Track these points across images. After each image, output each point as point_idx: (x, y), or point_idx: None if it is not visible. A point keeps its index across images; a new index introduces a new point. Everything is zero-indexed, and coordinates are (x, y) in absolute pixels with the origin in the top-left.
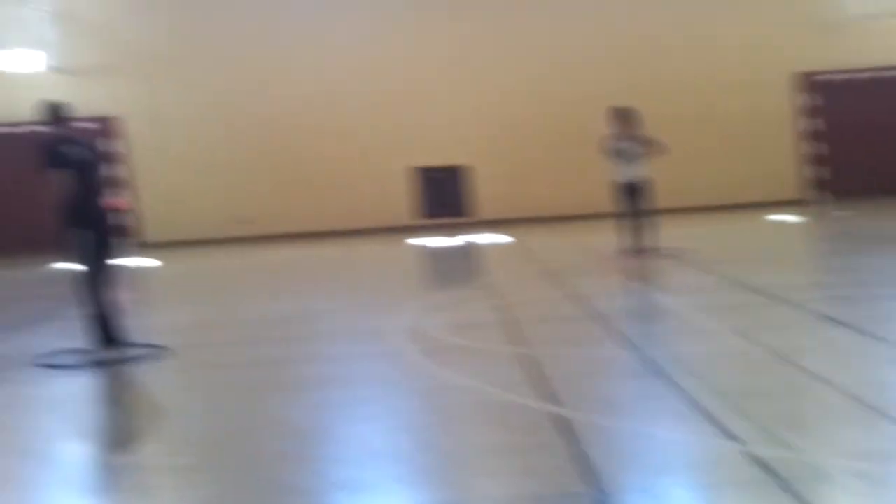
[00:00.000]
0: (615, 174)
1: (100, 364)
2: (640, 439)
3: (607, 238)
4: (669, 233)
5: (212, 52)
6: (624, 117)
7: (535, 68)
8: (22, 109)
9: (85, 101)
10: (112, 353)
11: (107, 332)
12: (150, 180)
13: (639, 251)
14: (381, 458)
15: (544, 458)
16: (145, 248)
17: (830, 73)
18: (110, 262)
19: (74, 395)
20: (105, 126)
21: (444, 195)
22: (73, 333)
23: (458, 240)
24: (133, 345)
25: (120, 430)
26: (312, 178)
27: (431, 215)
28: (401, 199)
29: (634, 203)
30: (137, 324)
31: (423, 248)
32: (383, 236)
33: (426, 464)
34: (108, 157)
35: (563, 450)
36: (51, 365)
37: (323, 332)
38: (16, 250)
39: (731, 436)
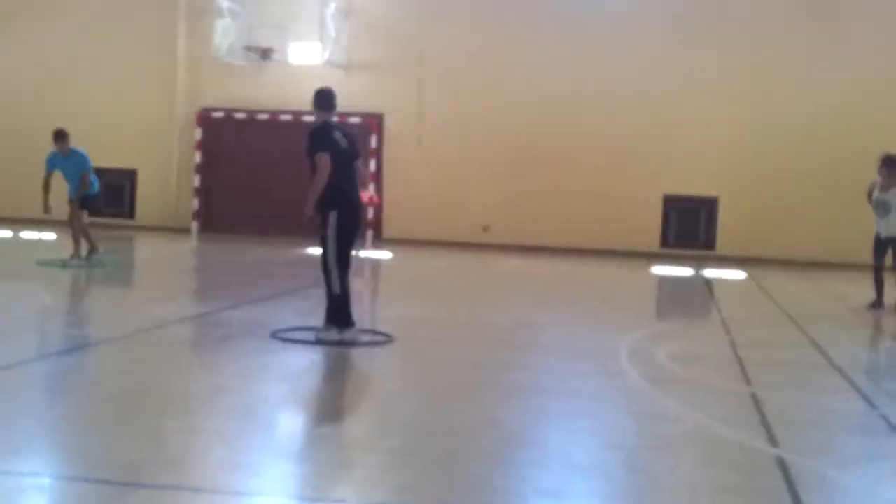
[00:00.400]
0: (877, 226)
1: (330, 343)
2: (867, 497)
3: (857, 289)
4: None
5: (481, 61)
6: (894, 167)
7: (798, 105)
8: (297, 99)
9: (354, 95)
10: (343, 334)
11: (342, 314)
12: (401, 177)
13: (892, 308)
14: (586, 472)
15: (762, 502)
16: (387, 241)
17: None
18: (354, 248)
19: (301, 368)
20: (369, 121)
21: (689, 226)
22: (310, 311)
23: (699, 272)
24: (363, 330)
25: (335, 405)
26: (561, 194)
27: (675, 245)
28: (645, 225)
29: (894, 258)
30: (369, 311)
31: (661, 276)
32: (623, 259)
33: (632, 485)
34: (369, 152)
35: (784, 496)
36: (285, 338)
37: (545, 343)
38: (280, 231)
39: None
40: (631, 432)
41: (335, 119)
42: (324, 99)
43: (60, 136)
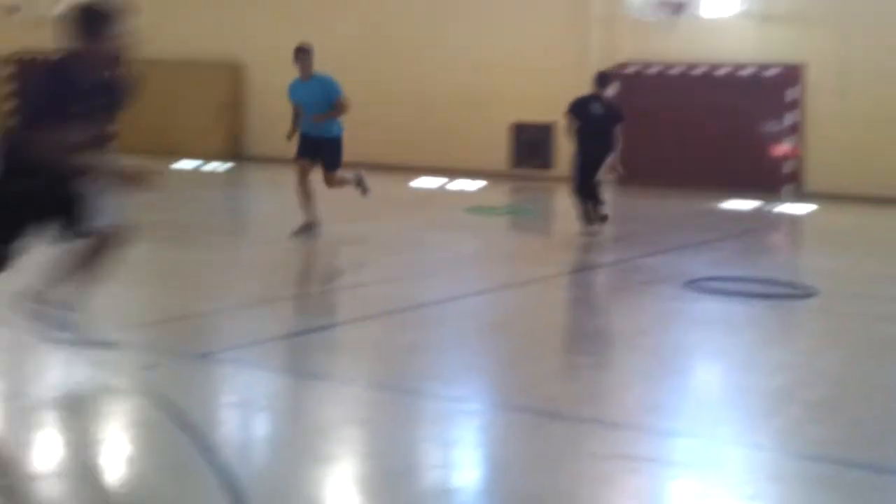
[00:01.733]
0: None
1: (745, 293)
2: None
3: None
4: None
5: None
6: None
7: None
8: (709, 52)
9: (770, 46)
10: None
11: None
12: (824, 130)
13: None
14: None
15: None
16: (809, 195)
17: None
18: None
19: (715, 317)
20: (787, 72)
21: None
22: (724, 261)
23: None
24: (768, 279)
25: (751, 354)
26: None
27: None
28: None
29: None
30: (791, 264)
31: None
32: None
33: None
34: (782, 106)
35: None
36: (699, 287)
37: None
38: (695, 183)
39: None
40: None
41: (600, 92)
42: (598, 78)
43: (301, 50)
